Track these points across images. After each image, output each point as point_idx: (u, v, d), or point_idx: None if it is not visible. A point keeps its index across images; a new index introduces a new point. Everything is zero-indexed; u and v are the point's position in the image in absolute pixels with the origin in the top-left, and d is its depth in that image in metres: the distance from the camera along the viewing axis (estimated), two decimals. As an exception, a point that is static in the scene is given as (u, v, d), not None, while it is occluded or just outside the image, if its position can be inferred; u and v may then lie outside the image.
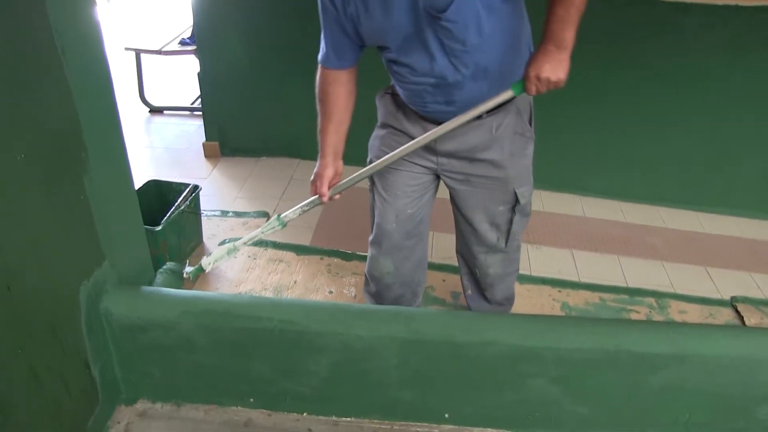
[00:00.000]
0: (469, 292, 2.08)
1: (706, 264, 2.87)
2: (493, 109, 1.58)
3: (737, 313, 2.53)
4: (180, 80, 5.16)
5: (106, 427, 1.58)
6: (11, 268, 1.20)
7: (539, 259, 2.83)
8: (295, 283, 2.56)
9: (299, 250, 2.76)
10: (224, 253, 1.72)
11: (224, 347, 1.54)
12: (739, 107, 3.06)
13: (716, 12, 2.85)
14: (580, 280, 2.69)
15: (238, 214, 3.11)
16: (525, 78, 1.45)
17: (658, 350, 1.41)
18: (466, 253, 1.98)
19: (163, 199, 2.70)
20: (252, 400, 1.63)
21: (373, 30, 1.51)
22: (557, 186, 3.44)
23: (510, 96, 1.51)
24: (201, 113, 3.83)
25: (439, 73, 1.52)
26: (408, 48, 1.51)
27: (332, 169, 1.68)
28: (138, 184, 2.19)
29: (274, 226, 1.71)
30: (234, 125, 3.69)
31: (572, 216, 3.22)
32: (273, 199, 3.28)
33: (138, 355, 1.58)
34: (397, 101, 1.73)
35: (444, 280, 2.59)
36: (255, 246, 2.80)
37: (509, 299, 2.09)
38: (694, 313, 2.50)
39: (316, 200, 1.68)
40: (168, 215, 2.48)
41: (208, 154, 3.76)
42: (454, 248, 2.04)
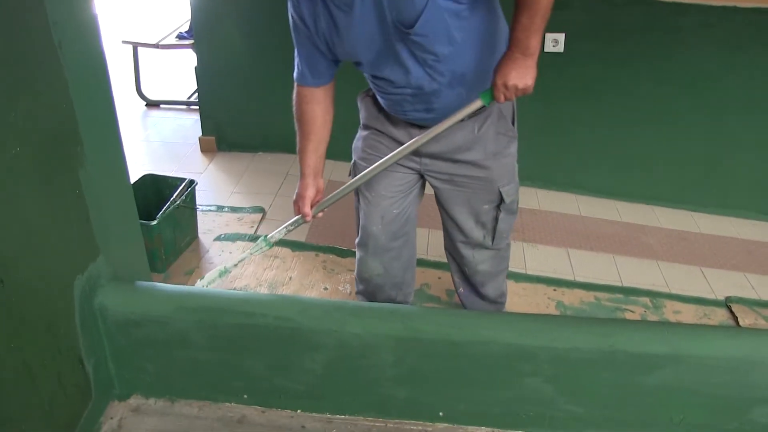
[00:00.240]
0: (461, 289, 2.07)
1: (701, 264, 2.88)
2: (475, 111, 1.59)
3: (732, 313, 2.53)
4: (177, 74, 5.14)
5: (99, 423, 1.57)
6: (5, 261, 1.19)
7: (535, 258, 2.83)
8: (290, 279, 2.56)
9: (295, 246, 2.76)
10: (216, 275, 1.76)
11: (219, 343, 1.54)
12: (736, 108, 3.07)
13: (714, 12, 2.86)
14: (575, 279, 2.69)
15: (233, 210, 3.11)
16: (493, 86, 1.46)
17: (653, 350, 1.41)
18: (454, 251, 1.98)
19: (158, 193, 2.69)
20: (246, 397, 1.62)
21: (344, 46, 1.51)
22: (553, 184, 3.45)
23: (479, 105, 1.53)
24: (198, 107, 3.82)
25: (415, 84, 1.53)
26: (382, 62, 1.51)
27: (313, 189, 1.69)
28: (134, 178, 2.19)
29: (261, 247, 1.74)
30: (231, 120, 3.69)
31: (568, 215, 3.23)
32: (269, 194, 3.27)
33: (132, 350, 1.58)
34: (379, 103, 1.73)
35: (440, 278, 2.59)
36: (250, 242, 2.80)
37: (502, 296, 2.08)
38: (689, 313, 2.51)
39: (300, 219, 1.70)
40: (163, 210, 2.47)
41: (205, 149, 3.76)
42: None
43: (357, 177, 1.67)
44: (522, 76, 1.41)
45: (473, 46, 1.49)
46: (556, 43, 3.02)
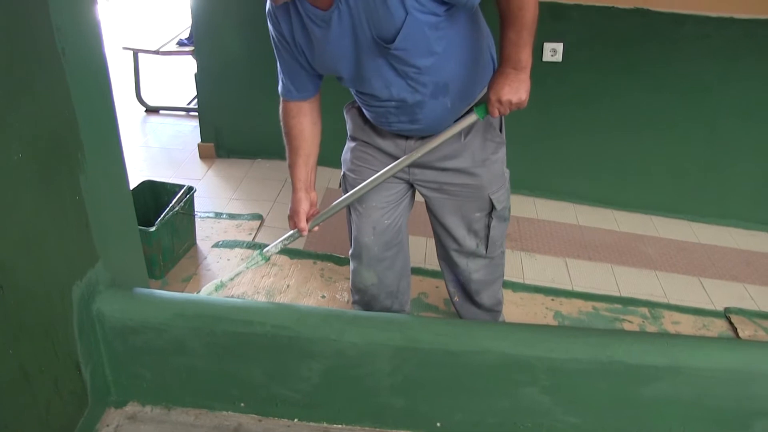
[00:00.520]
0: (457, 298, 2.07)
1: (700, 274, 2.88)
2: (461, 117, 1.59)
3: (731, 324, 2.53)
4: (177, 80, 5.15)
5: (95, 430, 1.56)
6: (5, 267, 1.19)
7: (532, 267, 2.83)
8: (288, 286, 2.56)
9: (292, 254, 2.76)
10: (212, 289, 1.76)
11: (216, 351, 1.53)
12: (734, 117, 3.08)
13: (711, 23, 2.88)
14: (573, 289, 2.69)
15: (232, 216, 3.10)
16: (487, 102, 1.47)
17: (652, 362, 1.40)
18: (447, 260, 1.97)
19: (157, 199, 2.69)
20: (243, 405, 1.62)
21: (322, 61, 1.51)
22: (551, 193, 3.45)
23: (474, 120, 1.54)
24: (197, 114, 3.82)
25: (398, 97, 1.53)
26: (363, 77, 1.51)
27: (307, 203, 1.70)
28: (133, 184, 2.19)
29: (257, 261, 1.74)
30: (230, 127, 3.69)
31: (566, 224, 3.23)
32: (267, 201, 3.27)
33: (129, 357, 1.57)
34: (364, 115, 1.74)
35: (437, 287, 2.59)
36: (248, 249, 2.80)
37: (498, 304, 2.08)
38: (688, 324, 2.51)
39: (296, 234, 1.71)
40: (162, 216, 2.47)
41: (204, 155, 3.76)
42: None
43: (352, 192, 1.68)
44: (515, 91, 1.42)
45: (455, 56, 1.49)
46: (554, 52, 3.03)
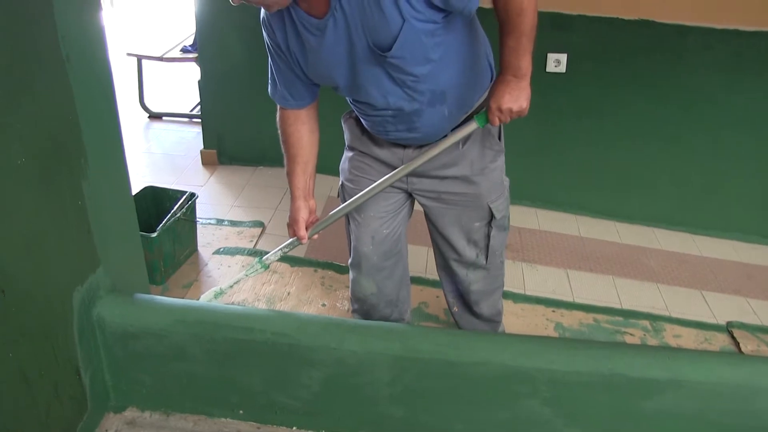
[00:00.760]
0: (456, 309, 2.06)
1: (702, 287, 2.87)
2: (459, 125, 1.59)
3: (733, 338, 2.52)
4: (180, 87, 5.17)
5: (94, 435, 1.56)
6: (7, 272, 1.19)
7: (534, 279, 2.83)
8: (289, 294, 2.56)
9: (293, 261, 2.76)
10: (211, 296, 1.77)
11: (216, 358, 1.53)
12: (737, 129, 3.08)
13: (715, 35, 2.88)
14: (574, 301, 2.68)
15: (233, 223, 3.11)
16: (487, 110, 1.46)
17: (653, 375, 1.40)
18: (447, 270, 1.96)
19: (159, 205, 2.70)
20: (242, 412, 1.61)
21: (315, 69, 1.51)
22: (553, 204, 3.45)
23: (474, 128, 1.54)
24: (200, 120, 3.83)
25: (395, 105, 1.52)
26: (358, 85, 1.50)
27: (306, 210, 1.70)
28: (135, 190, 2.19)
29: (257, 269, 1.76)
30: (232, 134, 3.70)
31: (568, 235, 3.23)
32: (269, 209, 3.27)
33: (129, 362, 1.57)
34: (362, 125, 1.74)
35: (437, 297, 2.58)
36: (249, 256, 2.80)
37: (497, 314, 2.07)
38: (690, 338, 2.50)
39: (296, 241, 1.72)
40: (164, 222, 2.47)
41: (206, 162, 3.77)
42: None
43: (350, 201, 1.68)
44: (516, 99, 1.41)
45: (452, 64, 1.48)
46: (558, 63, 3.04)
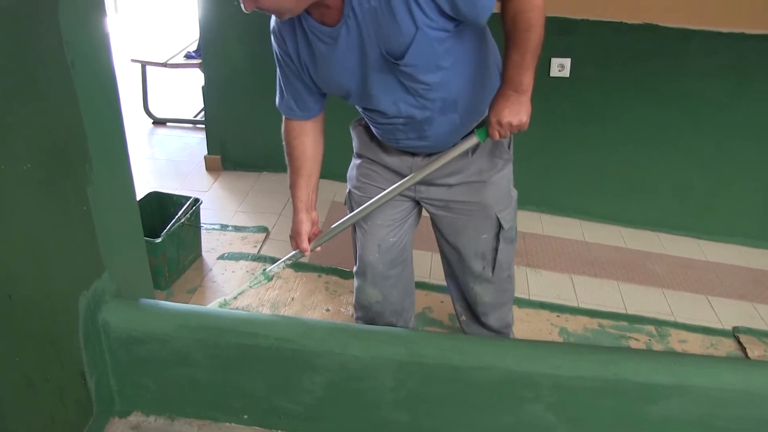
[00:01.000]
0: (464, 318, 2.04)
1: (708, 292, 2.86)
2: (464, 137, 1.59)
3: (740, 344, 2.50)
4: (184, 93, 5.18)
5: (99, 440, 1.56)
6: (12, 276, 1.19)
7: (538, 283, 2.82)
8: (293, 299, 2.56)
9: (297, 267, 2.75)
10: (216, 307, 1.77)
11: (220, 363, 1.53)
12: (742, 134, 3.07)
13: (721, 39, 2.87)
14: (579, 306, 2.67)
15: (237, 229, 3.11)
16: (488, 124, 1.45)
17: (659, 380, 1.39)
18: (454, 279, 1.95)
19: (163, 210, 2.70)
20: (246, 417, 1.61)
21: (325, 79, 1.51)
22: (558, 209, 3.44)
23: (476, 142, 1.54)
24: (204, 126, 3.84)
25: (406, 114, 1.52)
26: (369, 94, 1.50)
27: (308, 223, 1.70)
28: (139, 195, 2.20)
29: (260, 280, 1.76)
30: (236, 139, 3.71)
31: (572, 240, 3.22)
32: (273, 214, 3.28)
33: (134, 367, 1.57)
34: (371, 132, 1.73)
35: (442, 302, 2.58)
36: (254, 261, 2.80)
37: (506, 327, 2.03)
38: (695, 343, 2.49)
39: (299, 254, 1.72)
40: (168, 227, 2.48)
41: (210, 168, 3.77)
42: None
43: (356, 211, 1.68)
44: (516, 113, 1.40)
45: (463, 72, 1.48)
46: (561, 68, 3.04)
